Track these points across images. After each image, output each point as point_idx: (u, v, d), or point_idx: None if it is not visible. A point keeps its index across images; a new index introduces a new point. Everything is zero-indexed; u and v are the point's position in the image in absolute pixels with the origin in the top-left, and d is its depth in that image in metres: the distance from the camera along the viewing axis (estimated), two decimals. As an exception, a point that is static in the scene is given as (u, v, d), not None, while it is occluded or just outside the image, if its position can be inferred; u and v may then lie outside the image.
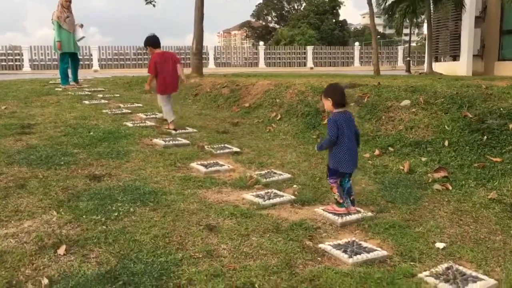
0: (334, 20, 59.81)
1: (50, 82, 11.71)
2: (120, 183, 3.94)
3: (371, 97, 6.10)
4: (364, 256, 2.80)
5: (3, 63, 28.25)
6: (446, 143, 4.87)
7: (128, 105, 7.63)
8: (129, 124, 6.17)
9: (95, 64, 29.38)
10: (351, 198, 3.51)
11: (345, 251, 2.86)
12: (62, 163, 4.44)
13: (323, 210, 3.50)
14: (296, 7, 65.61)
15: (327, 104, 3.48)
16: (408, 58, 28.97)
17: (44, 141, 5.20)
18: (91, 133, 5.60)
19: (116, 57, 30.75)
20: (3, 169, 4.20)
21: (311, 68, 35.05)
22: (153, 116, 6.78)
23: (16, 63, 28.96)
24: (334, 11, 60.61)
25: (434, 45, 20.47)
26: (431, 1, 17.71)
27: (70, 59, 10.13)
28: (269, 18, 66.13)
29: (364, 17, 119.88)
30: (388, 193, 3.98)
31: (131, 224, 3.13)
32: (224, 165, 4.53)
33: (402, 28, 23.34)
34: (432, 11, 18.10)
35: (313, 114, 6.30)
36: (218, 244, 2.91)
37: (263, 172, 4.39)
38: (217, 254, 2.77)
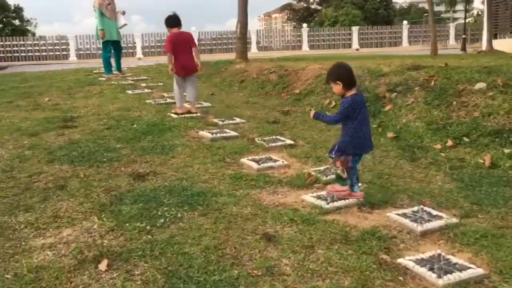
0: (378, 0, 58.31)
1: (94, 71, 11.67)
2: (166, 182, 3.63)
3: (438, 80, 5.50)
4: (456, 276, 2.35)
5: (51, 53, 29.06)
6: (534, 132, 4.26)
7: (172, 94, 7.33)
8: (174, 115, 5.87)
9: (139, 52, 29.71)
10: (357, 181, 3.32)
11: (431, 269, 2.41)
12: (105, 159, 4.19)
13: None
14: None
15: (337, 88, 3.23)
16: (463, 36, 27.51)
17: (86, 135, 4.99)
18: (135, 125, 5.35)
19: (159, 44, 31.08)
20: (43, 167, 3.99)
21: (357, 49, 33.97)
22: (198, 105, 6.46)
23: (63, 52, 29.78)
24: None
25: (493, 21, 19.27)
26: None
27: (113, 48, 10.00)
28: (311, 0, 65.13)
29: None
30: (471, 192, 3.46)
31: (179, 232, 2.81)
32: (277, 161, 4.14)
33: (455, 2, 21.91)
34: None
35: (372, 100, 5.78)
36: (279, 258, 2.53)
37: (321, 168, 3.96)
38: (278, 271, 2.40)
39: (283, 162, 4.12)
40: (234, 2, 10.95)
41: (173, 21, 6.16)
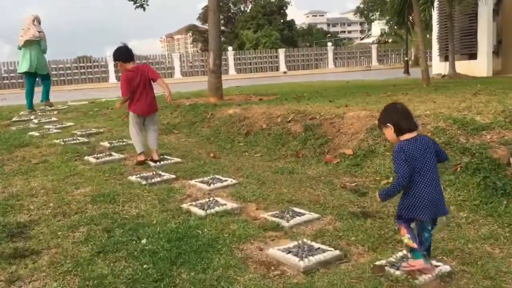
0: (282, 21, 61.59)
1: (14, 119, 9.11)
2: None
3: None
4: None
5: None
6: None
7: (163, 162, 5.24)
8: (196, 209, 3.79)
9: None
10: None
11: None
12: None
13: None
14: (242, 8, 67.69)
15: (389, 133, 2.75)
16: (406, 58, 28.47)
17: (66, 277, 2.79)
18: (144, 242, 3.23)
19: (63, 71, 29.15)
20: None
21: (285, 72, 34.64)
22: (219, 183, 4.43)
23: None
24: (281, 11, 62.56)
25: (443, 43, 19.24)
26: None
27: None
28: (216, 21, 66.87)
29: (307, 17, 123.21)
30: None
31: None
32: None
33: (423, 24, 21.29)
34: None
35: (488, 169, 4.13)
36: None
37: None
38: None
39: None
40: (138, 22, 9.30)
41: (126, 54, 5.40)
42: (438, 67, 19.11)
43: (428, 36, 25.05)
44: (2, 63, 28.98)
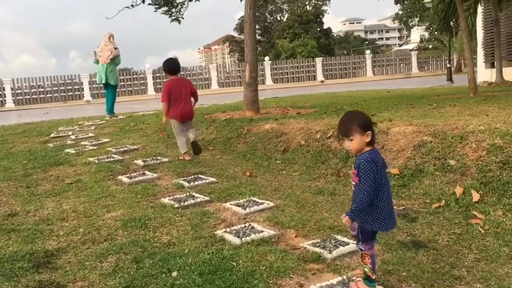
0: (318, 29, 61.62)
1: (52, 134, 9.18)
2: None
3: None
4: None
5: (-19, 100, 26.48)
6: None
7: (197, 182, 5.04)
8: (231, 237, 3.54)
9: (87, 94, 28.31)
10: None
11: None
12: None
13: None
14: (278, 18, 68.02)
15: (360, 142, 2.54)
16: (448, 65, 27.40)
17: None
18: (174, 274, 3.01)
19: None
20: None
21: (322, 81, 34.27)
22: (255, 206, 4.16)
23: (-2, 98, 27.54)
24: (318, 19, 62.57)
25: (489, 49, 18.49)
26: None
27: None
28: (252, 30, 68.46)
29: (344, 24, 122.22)
30: None
31: None
32: None
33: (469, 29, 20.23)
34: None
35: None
36: None
37: None
38: None
39: None
40: (177, 33, 9.15)
41: (175, 66, 6.26)
42: (484, 74, 18.36)
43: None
44: (46, 77, 29.77)
